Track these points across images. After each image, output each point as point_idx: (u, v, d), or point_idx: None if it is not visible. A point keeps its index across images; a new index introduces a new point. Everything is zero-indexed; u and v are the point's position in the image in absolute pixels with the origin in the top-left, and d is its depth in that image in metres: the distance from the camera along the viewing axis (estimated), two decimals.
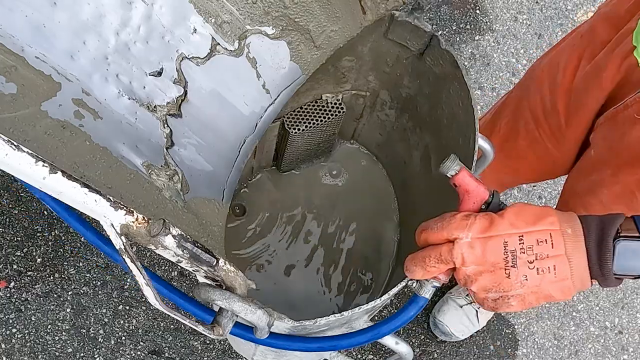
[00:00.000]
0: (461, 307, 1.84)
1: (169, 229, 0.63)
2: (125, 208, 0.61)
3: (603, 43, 1.00)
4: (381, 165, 1.43)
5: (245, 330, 0.85)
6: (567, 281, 0.66)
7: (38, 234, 1.86)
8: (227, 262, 0.69)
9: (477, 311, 1.85)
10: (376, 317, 1.91)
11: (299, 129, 1.17)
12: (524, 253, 0.66)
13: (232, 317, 0.71)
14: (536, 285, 0.67)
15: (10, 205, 1.86)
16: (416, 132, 1.23)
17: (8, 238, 1.84)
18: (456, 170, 0.69)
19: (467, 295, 1.84)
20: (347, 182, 1.42)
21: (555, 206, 1.32)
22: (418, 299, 0.81)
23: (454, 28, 2.24)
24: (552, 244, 0.65)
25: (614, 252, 0.65)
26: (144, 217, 0.63)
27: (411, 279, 0.79)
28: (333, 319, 0.83)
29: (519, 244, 0.66)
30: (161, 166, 0.84)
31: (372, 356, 1.88)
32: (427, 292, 0.79)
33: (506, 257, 0.66)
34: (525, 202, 0.76)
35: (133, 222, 0.62)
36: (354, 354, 1.89)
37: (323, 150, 1.36)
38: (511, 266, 0.66)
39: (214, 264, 0.68)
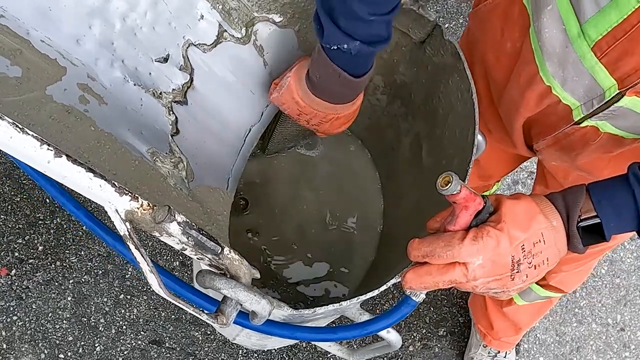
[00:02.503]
0: None
1: (174, 216, 0.62)
2: (130, 194, 0.60)
3: (501, 69, 1.00)
4: (367, 150, 1.42)
5: (241, 317, 0.84)
6: (556, 263, 0.74)
7: (40, 222, 1.85)
8: (232, 250, 0.69)
9: None
10: (369, 301, 1.91)
11: None
12: (525, 258, 0.71)
13: (236, 306, 0.70)
14: (533, 277, 0.73)
15: (13, 193, 1.86)
16: (408, 119, 1.22)
17: (10, 225, 1.83)
18: (458, 190, 0.69)
19: (488, 354, 1.85)
20: (330, 166, 1.40)
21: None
22: (410, 301, 0.81)
23: (460, 21, 2.23)
24: (544, 241, 0.71)
25: (580, 236, 0.72)
26: (148, 204, 0.62)
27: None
28: (331, 308, 0.84)
29: (522, 252, 0.70)
30: (166, 153, 0.84)
31: None
32: (421, 297, 0.81)
33: (512, 267, 0.71)
34: (503, 194, 0.78)
35: (138, 209, 0.61)
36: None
37: (309, 134, 1.34)
38: (516, 272, 0.71)
39: (219, 252, 0.67)
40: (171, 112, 0.87)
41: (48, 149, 0.55)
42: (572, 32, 0.77)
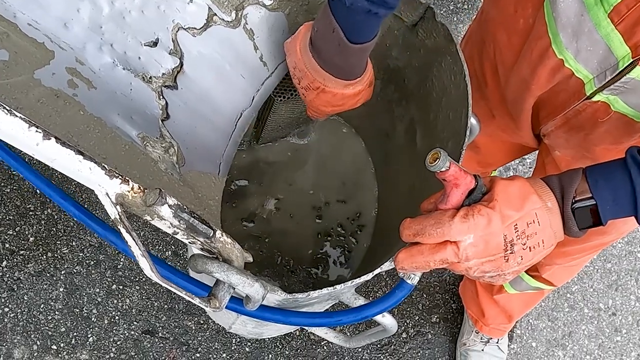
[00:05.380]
0: (482, 350, 1.86)
1: (165, 199, 0.62)
2: (120, 177, 0.60)
3: (511, 49, 1.00)
4: (360, 138, 1.42)
5: (235, 303, 0.84)
6: (552, 246, 0.73)
7: (30, 213, 1.84)
8: (224, 233, 0.68)
9: (497, 346, 1.87)
10: (362, 288, 1.91)
11: (284, 97, 1.13)
12: (519, 239, 0.70)
13: (229, 290, 0.70)
14: (529, 260, 0.72)
15: (2, 184, 1.84)
16: (402, 104, 1.22)
17: (0, 217, 1.82)
18: (447, 167, 0.68)
19: (480, 339, 1.85)
20: (324, 154, 1.40)
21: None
22: (405, 285, 0.81)
23: (451, 7, 2.23)
24: (538, 222, 0.70)
25: (575, 217, 0.72)
26: (139, 187, 0.61)
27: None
28: (325, 292, 0.83)
29: (515, 232, 0.70)
30: (156, 138, 0.83)
31: None
32: (416, 280, 0.81)
33: (505, 247, 0.70)
34: (499, 176, 0.78)
35: (128, 192, 0.61)
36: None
37: (303, 121, 1.33)
38: (510, 253, 0.70)
39: (211, 235, 0.67)
40: (161, 97, 0.86)
41: (37, 131, 0.54)
42: (589, 0, 0.77)
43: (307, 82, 0.91)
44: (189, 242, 0.69)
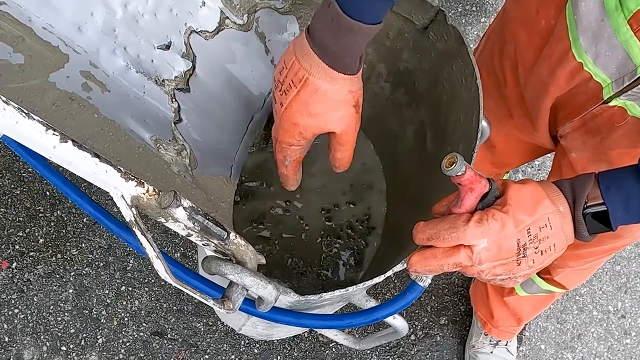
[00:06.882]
0: (491, 352, 1.86)
1: (180, 201, 0.62)
2: (135, 179, 0.60)
3: (532, 49, 1.00)
4: (369, 141, 1.42)
5: (247, 304, 0.84)
6: (563, 250, 0.74)
7: (40, 215, 1.85)
8: (237, 235, 0.69)
9: (506, 348, 1.87)
10: (371, 290, 1.91)
11: None
12: (532, 243, 0.71)
13: (242, 292, 0.70)
14: (541, 263, 0.73)
15: (12, 186, 1.85)
16: (412, 107, 1.21)
17: (10, 218, 1.83)
18: (463, 171, 0.69)
19: (489, 342, 1.86)
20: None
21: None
22: (417, 287, 0.81)
23: (459, 10, 2.23)
24: (550, 226, 0.71)
25: (586, 222, 0.73)
26: (154, 189, 0.62)
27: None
28: (337, 294, 0.83)
29: (527, 236, 0.70)
30: (169, 141, 0.84)
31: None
32: (427, 282, 0.81)
33: (518, 251, 0.71)
34: (510, 179, 0.79)
35: (144, 194, 0.61)
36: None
37: None
38: (522, 257, 0.71)
39: (225, 237, 0.67)
40: (174, 100, 0.87)
41: (54, 134, 0.54)
42: (610, 5, 0.77)
43: (291, 77, 0.77)
44: (203, 244, 0.70)
